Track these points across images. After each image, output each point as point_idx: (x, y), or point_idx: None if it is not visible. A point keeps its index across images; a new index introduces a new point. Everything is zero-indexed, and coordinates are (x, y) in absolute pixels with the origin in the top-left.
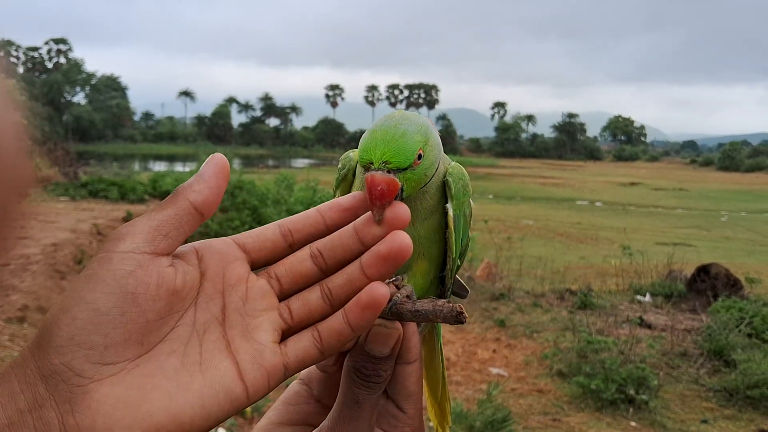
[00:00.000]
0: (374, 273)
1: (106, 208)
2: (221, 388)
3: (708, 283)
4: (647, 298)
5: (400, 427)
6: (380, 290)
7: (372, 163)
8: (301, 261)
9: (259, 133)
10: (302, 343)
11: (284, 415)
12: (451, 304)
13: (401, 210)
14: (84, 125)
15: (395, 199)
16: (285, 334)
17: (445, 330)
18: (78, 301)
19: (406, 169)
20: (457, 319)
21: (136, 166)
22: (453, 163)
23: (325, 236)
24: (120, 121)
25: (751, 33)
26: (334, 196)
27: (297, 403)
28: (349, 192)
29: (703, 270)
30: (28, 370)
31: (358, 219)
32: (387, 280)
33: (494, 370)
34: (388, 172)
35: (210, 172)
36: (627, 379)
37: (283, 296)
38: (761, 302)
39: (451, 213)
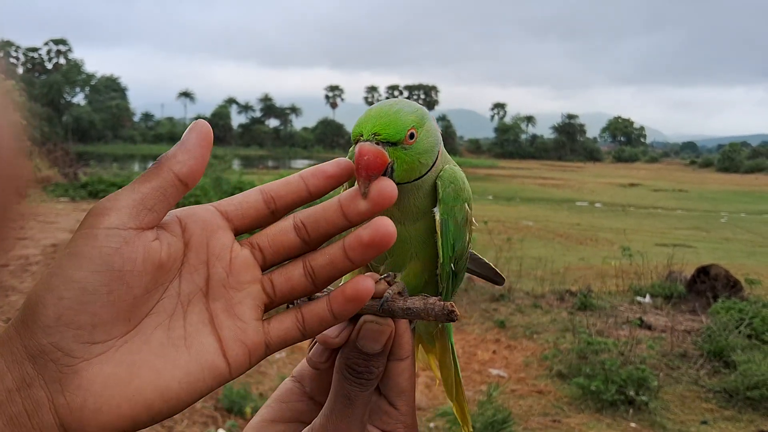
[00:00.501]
0: (357, 257)
1: None
2: (206, 364)
3: (708, 284)
4: (647, 299)
5: (392, 424)
6: (366, 284)
7: (362, 135)
8: (284, 232)
9: (258, 134)
10: (285, 324)
11: (277, 412)
12: (442, 302)
13: (387, 186)
14: (84, 126)
15: (384, 176)
16: (267, 307)
17: None
18: (64, 280)
19: (396, 144)
20: (449, 317)
21: (136, 167)
22: (447, 166)
23: (307, 202)
24: (120, 122)
25: (751, 34)
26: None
27: (289, 400)
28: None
29: (703, 271)
30: (14, 349)
31: (343, 193)
32: (379, 277)
33: (494, 371)
34: (377, 144)
35: (193, 141)
36: (627, 380)
37: (266, 267)
38: (761, 303)
39: (438, 217)
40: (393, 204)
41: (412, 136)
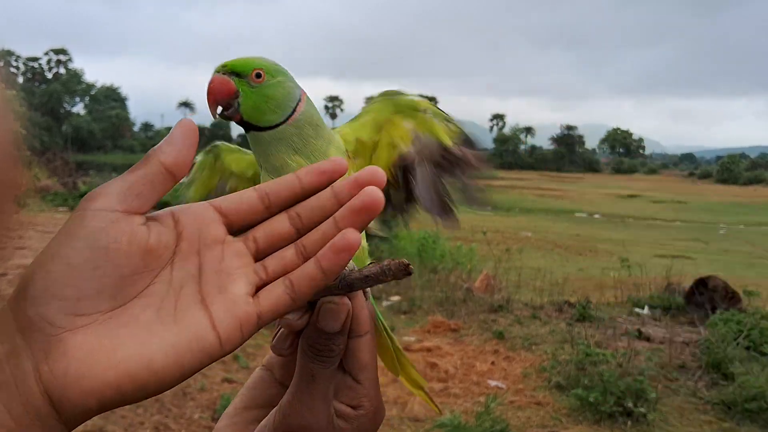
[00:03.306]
0: (348, 226)
1: None
2: (194, 337)
3: (706, 296)
4: (646, 310)
5: (357, 399)
6: (354, 235)
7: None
8: (278, 221)
9: None
10: (275, 291)
11: (249, 399)
12: (397, 261)
13: (378, 172)
14: (83, 135)
15: (232, 110)
16: (259, 288)
17: (443, 342)
18: (52, 256)
19: (243, 77)
20: (406, 271)
21: None
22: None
23: (301, 199)
24: (119, 132)
25: (752, 46)
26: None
27: (261, 387)
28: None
29: (702, 283)
30: (6, 322)
31: (336, 181)
32: None
33: (492, 383)
34: (224, 74)
35: (178, 135)
36: (625, 391)
37: (259, 257)
38: (759, 315)
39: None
40: (265, 164)
41: (259, 75)
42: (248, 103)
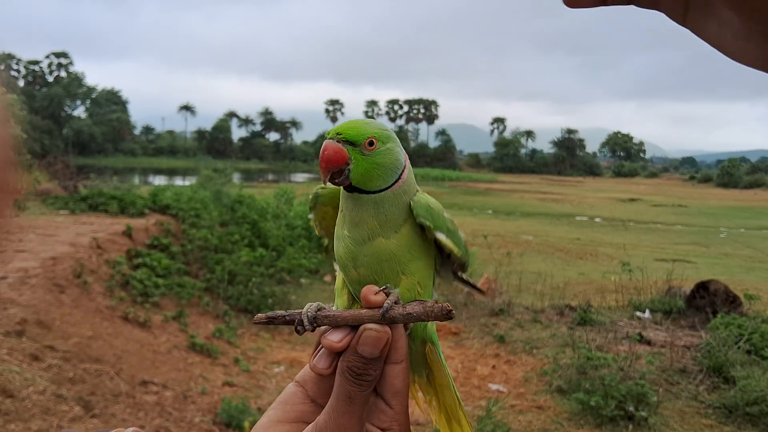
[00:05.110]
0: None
1: (105, 221)
2: None
3: (707, 300)
4: (646, 314)
5: (387, 422)
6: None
7: (327, 135)
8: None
9: (259, 148)
10: None
11: (282, 413)
12: (440, 304)
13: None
14: (84, 139)
15: (343, 177)
16: None
17: (444, 346)
18: None
19: (355, 145)
20: (447, 316)
21: (136, 180)
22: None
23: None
24: (120, 135)
25: None
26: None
27: (293, 402)
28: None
29: (702, 286)
30: None
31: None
32: (377, 289)
33: (493, 387)
34: (339, 142)
35: None
36: (626, 395)
37: None
38: (760, 319)
39: (428, 223)
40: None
41: (371, 143)
42: (359, 170)
